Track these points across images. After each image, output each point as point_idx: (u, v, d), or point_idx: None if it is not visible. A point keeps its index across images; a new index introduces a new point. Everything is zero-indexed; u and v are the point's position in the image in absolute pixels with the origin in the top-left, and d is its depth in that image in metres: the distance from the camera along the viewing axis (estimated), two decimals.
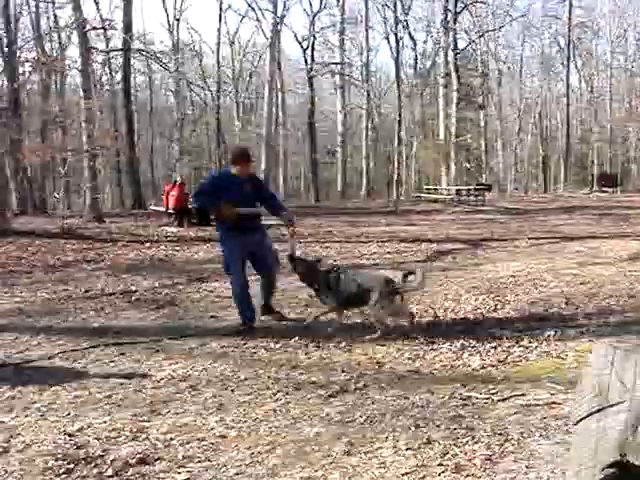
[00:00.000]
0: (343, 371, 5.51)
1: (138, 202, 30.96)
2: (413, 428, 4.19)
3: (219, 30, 38.94)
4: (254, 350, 6.32)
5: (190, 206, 20.65)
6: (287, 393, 5.02)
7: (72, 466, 3.87)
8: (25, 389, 5.34)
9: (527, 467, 3.61)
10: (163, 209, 23.07)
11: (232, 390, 5.16)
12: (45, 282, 10.74)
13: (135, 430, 4.38)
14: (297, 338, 6.60)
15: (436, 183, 39.15)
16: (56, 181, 34.94)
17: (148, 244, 15.80)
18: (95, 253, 14.31)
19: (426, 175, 45.61)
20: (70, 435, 4.34)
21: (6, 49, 27.88)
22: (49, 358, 6.29)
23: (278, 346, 6.42)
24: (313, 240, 15.94)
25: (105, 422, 4.55)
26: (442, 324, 7.06)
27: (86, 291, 9.93)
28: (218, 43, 39.16)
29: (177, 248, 15.02)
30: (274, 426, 4.37)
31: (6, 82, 27.80)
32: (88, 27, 22.64)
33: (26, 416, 4.76)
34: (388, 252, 13.36)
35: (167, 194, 22.02)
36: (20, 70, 29.11)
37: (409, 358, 5.82)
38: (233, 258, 7.43)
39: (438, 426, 4.20)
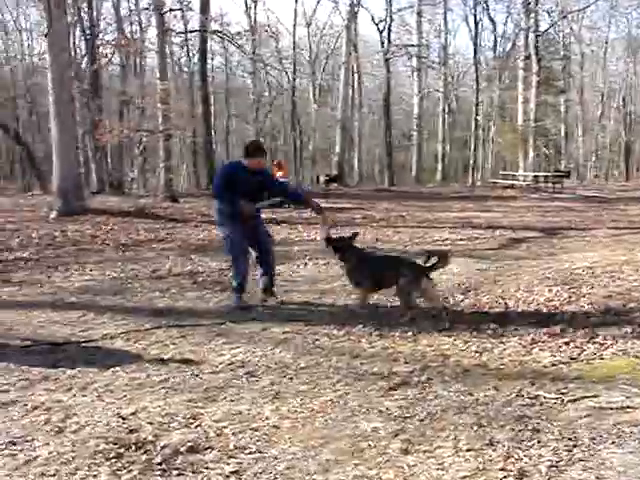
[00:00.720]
0: (406, 362, 5.30)
1: (212, 183, 31.19)
2: (476, 427, 3.96)
3: (295, 11, 38.88)
4: (316, 337, 6.17)
5: None
6: (347, 384, 4.85)
7: (122, 451, 3.80)
8: (85, 368, 5.33)
9: (597, 478, 3.34)
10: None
11: (290, 378, 5.02)
12: (115, 261, 10.84)
13: (188, 416, 4.29)
14: (361, 326, 6.42)
15: (513, 169, 38.21)
16: (133, 161, 35.60)
17: None
18: (166, 233, 14.39)
19: (503, 160, 44.59)
20: (124, 418, 4.28)
21: (88, 32, 28.40)
22: (111, 338, 6.29)
23: (341, 333, 6.26)
24: (385, 225, 15.70)
25: (159, 407, 4.47)
26: (512, 315, 6.75)
27: (153, 271, 9.97)
28: (294, 25, 39.01)
29: None
30: (330, 418, 4.21)
31: (87, 64, 28.32)
32: (165, 9, 22.78)
33: (83, 396, 4.74)
34: (460, 239, 13.00)
35: None
36: (101, 53, 29.63)
37: (476, 351, 5.57)
38: (236, 240, 7.54)
39: (502, 426, 3.96)
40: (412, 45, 38.83)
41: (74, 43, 29.90)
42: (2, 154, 38.70)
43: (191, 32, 31.06)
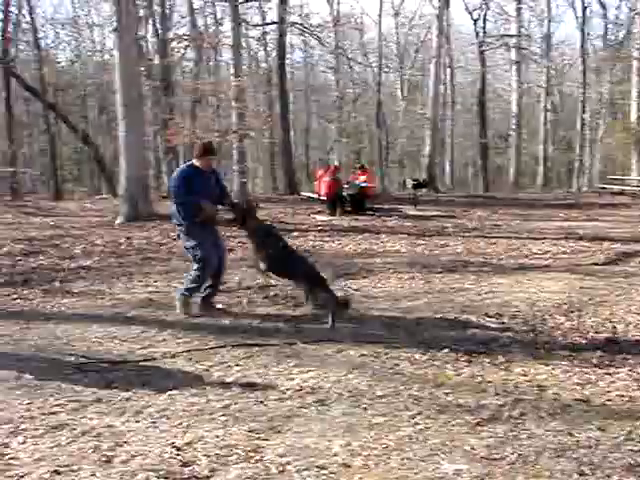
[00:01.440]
0: (497, 394, 5.09)
1: (291, 187, 31.33)
2: (576, 475, 3.73)
3: (381, 1, 38.73)
4: (396, 361, 6.01)
5: (344, 193, 20.62)
6: (428, 417, 4.68)
7: None
8: (141, 390, 5.32)
9: None
10: (315, 195, 23.17)
11: (365, 408, 4.88)
12: (180, 271, 10.87)
13: (249, 449, 4.19)
14: (447, 350, 6.23)
15: (624, 173, 37.04)
16: None
17: (296, 233, 15.80)
18: (239, 241, 14.44)
19: (613, 163, 43.26)
20: (178, 449, 4.22)
21: (160, 26, 29.02)
22: (172, 357, 6.28)
23: (424, 358, 6.08)
24: (478, 234, 15.38)
25: (218, 437, 4.40)
26: (622, 342, 6.42)
27: (223, 282, 9.97)
28: (380, 15, 38.86)
29: (326, 238, 14.90)
30: (407, 457, 4.04)
31: (159, 60, 28.93)
32: (240, 0, 23.04)
33: (137, 421, 4.71)
34: (563, 252, 12.61)
35: (319, 179, 22.07)
36: (174, 47, 30.26)
37: (578, 383, 5.31)
38: (206, 241, 7.84)
39: (609, 476, 3.71)
40: (510, 35, 38.19)
41: (145, 39, 30.70)
42: (70, 155, 39.90)
43: (268, 24, 31.33)
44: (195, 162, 8.01)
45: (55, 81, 34.57)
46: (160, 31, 29.27)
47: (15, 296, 9.12)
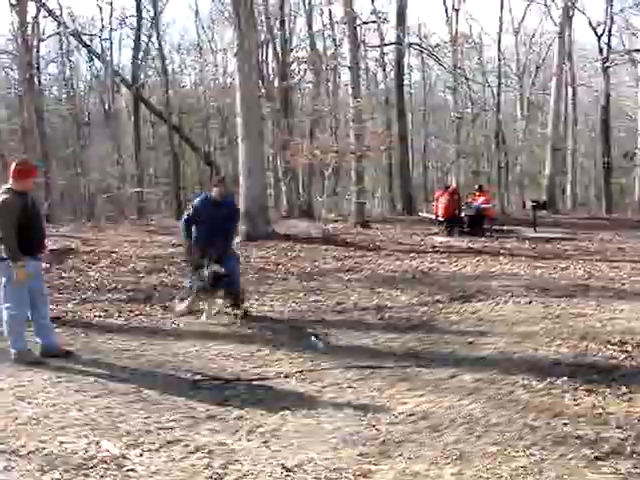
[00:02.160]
0: (618, 427, 4.86)
1: (408, 208, 31.16)
2: None
3: (501, 19, 38.07)
4: (512, 388, 5.84)
5: (462, 214, 20.37)
6: (543, 448, 4.50)
7: None
8: (254, 409, 5.36)
9: None
10: (432, 216, 22.97)
11: (478, 436, 4.75)
12: (297, 291, 10.99)
13: (358, 473, 4.15)
14: (565, 378, 6.00)
15: None
16: (324, 183, 36.42)
17: (412, 254, 15.70)
18: (354, 262, 14.47)
19: None
20: (288, 470, 4.22)
21: (280, 49, 29.56)
22: (285, 377, 6.31)
23: (541, 386, 5.88)
24: (600, 258, 14.82)
25: (327, 459, 4.37)
26: None
27: (337, 303, 10.00)
28: (499, 33, 38.23)
29: (443, 260, 14.71)
30: None
31: (279, 83, 29.44)
32: (357, 22, 23.19)
33: (249, 440, 4.75)
34: None
35: (437, 200, 21.87)
36: (294, 69, 30.74)
37: None
38: None
39: None
40: (637, 50, 36.83)
41: (266, 62, 31.33)
42: (192, 176, 41.02)
43: (385, 45, 31.40)
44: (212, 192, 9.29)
45: (179, 104, 35.75)
46: (280, 54, 29.78)
47: (137, 312, 9.42)
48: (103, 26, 35.55)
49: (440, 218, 21.03)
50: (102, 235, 19.40)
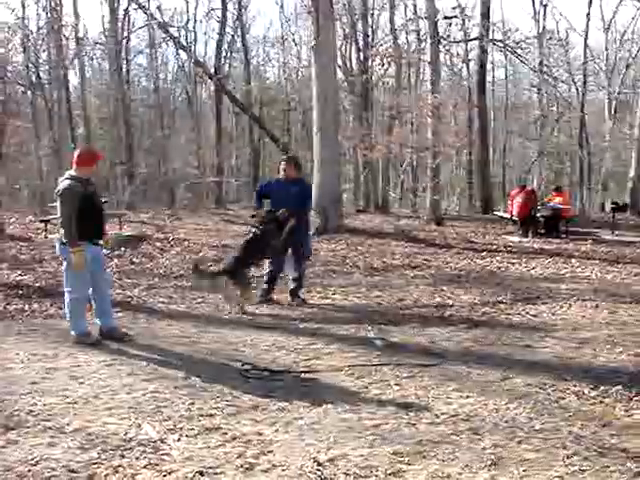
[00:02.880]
0: None
1: (485, 206, 30.72)
2: None
3: (588, 15, 37.02)
4: (562, 395, 5.67)
5: (538, 215, 19.96)
6: (585, 458, 4.35)
7: None
8: (297, 402, 5.37)
9: None
10: (507, 215, 22.58)
11: (519, 442, 4.63)
12: (360, 286, 10.97)
13: (389, 472, 4.11)
14: (620, 387, 5.79)
15: None
16: (401, 178, 36.24)
17: (483, 253, 15.47)
18: (423, 259, 14.34)
19: None
20: (319, 464, 4.21)
21: (362, 43, 29.53)
22: (334, 371, 6.29)
23: (593, 394, 5.68)
24: None
25: (361, 456, 4.34)
26: None
27: (398, 300, 9.93)
28: (586, 30, 37.22)
29: (513, 260, 14.44)
30: None
31: (360, 77, 29.42)
32: (439, 17, 22.92)
33: (285, 432, 4.76)
34: None
35: (512, 199, 21.48)
36: (375, 64, 30.67)
37: None
38: None
39: None
40: None
41: (349, 57, 31.34)
42: (272, 167, 41.40)
43: (466, 41, 30.91)
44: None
45: (261, 96, 36.08)
46: (362, 48, 29.73)
47: (200, 300, 9.55)
48: (189, 18, 36.26)
49: (515, 217, 20.67)
50: (179, 223, 19.78)
